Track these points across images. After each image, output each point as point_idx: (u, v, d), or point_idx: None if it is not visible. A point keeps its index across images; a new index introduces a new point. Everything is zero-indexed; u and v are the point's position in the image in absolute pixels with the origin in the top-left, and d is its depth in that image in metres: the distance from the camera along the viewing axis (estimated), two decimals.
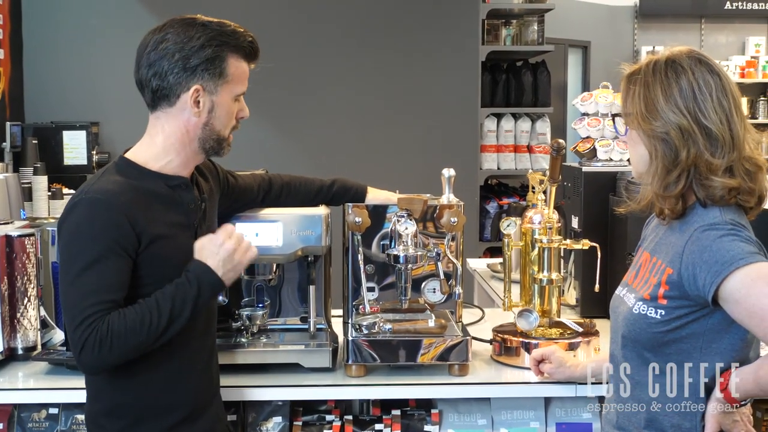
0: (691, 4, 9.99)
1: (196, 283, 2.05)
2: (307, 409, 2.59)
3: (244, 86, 2.21)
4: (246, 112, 2.24)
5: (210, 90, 2.13)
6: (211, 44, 2.11)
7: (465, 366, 2.50)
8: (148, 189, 2.11)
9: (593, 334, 2.62)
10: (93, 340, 1.94)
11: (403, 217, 2.59)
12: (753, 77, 9.95)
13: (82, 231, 2.01)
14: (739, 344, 1.90)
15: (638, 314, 1.96)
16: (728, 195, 1.89)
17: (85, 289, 1.98)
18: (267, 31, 6.18)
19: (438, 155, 6.05)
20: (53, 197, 4.48)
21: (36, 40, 5.93)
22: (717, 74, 1.93)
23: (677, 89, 1.91)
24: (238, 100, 2.20)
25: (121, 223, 2.01)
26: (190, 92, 2.11)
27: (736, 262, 1.79)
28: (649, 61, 1.99)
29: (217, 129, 2.16)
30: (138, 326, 1.98)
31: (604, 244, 2.86)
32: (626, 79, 2.02)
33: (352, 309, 2.68)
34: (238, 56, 2.16)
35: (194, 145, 2.16)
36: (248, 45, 2.18)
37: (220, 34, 2.13)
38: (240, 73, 2.18)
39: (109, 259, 1.99)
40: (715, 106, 1.90)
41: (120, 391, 2.12)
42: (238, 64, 2.17)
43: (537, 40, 6.58)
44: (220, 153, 2.22)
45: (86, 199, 2.04)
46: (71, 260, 2.01)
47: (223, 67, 2.13)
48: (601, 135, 3.22)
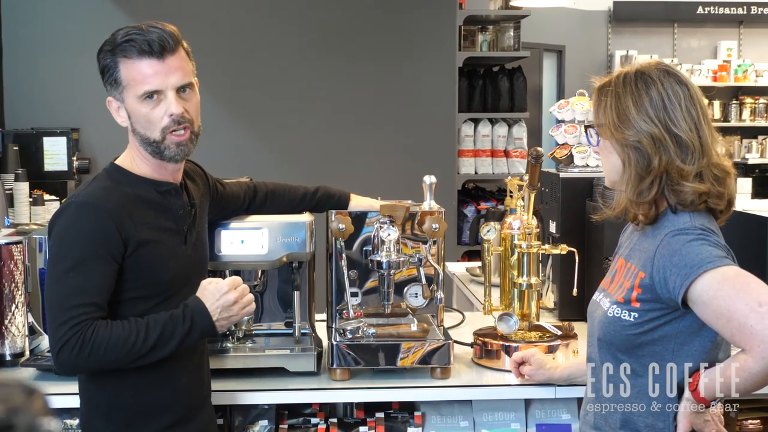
0: (664, 9, 10.10)
1: (190, 320, 2.09)
2: (292, 413, 2.63)
3: (150, 85, 2.10)
4: (172, 108, 2.11)
5: (119, 99, 2.15)
6: (105, 56, 2.14)
7: (447, 369, 2.55)
8: (138, 194, 2.15)
9: (572, 337, 2.68)
10: (74, 342, 1.99)
11: (386, 224, 2.64)
12: (725, 81, 10.06)
13: (70, 234, 2.07)
14: (709, 346, 1.96)
15: (612, 317, 2.01)
16: (698, 200, 1.95)
17: (69, 289, 2.02)
18: (245, 38, 6.25)
19: (416, 160, 6.10)
20: (35, 203, 4.50)
21: (15, 47, 5.92)
22: (685, 84, 2.00)
23: (648, 99, 1.97)
24: (157, 99, 2.11)
25: (107, 228, 2.06)
26: (109, 105, 2.18)
27: (705, 265, 1.85)
28: (619, 73, 2.05)
29: (142, 133, 2.14)
30: (121, 343, 2.02)
31: (582, 248, 2.92)
32: (597, 91, 2.08)
33: (335, 314, 2.73)
34: (126, 58, 2.10)
35: (143, 151, 2.17)
36: (129, 44, 2.09)
37: (109, 42, 2.14)
38: (135, 74, 2.10)
39: (93, 262, 2.04)
40: (684, 115, 1.96)
41: (115, 394, 2.15)
42: (131, 66, 2.10)
43: (513, 45, 6.63)
44: (165, 156, 2.14)
45: (75, 203, 2.09)
46: (57, 261, 2.07)
47: (116, 76, 2.12)
48: (578, 142, 3.27)
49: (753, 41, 10.35)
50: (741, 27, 10.33)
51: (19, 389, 0.59)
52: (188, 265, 2.23)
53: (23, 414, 0.54)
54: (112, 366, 2.06)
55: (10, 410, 0.53)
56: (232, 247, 2.55)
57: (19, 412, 0.54)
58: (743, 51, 10.33)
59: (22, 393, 0.59)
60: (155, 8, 5.86)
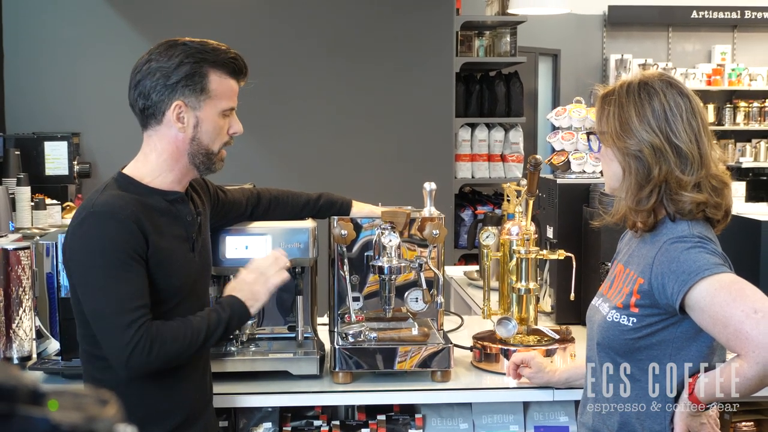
0: (658, 13, 10.13)
1: (229, 308, 2.22)
2: (295, 415, 2.67)
3: (232, 102, 2.25)
4: (238, 127, 2.28)
5: (192, 105, 2.18)
6: (190, 60, 2.17)
7: (447, 372, 2.60)
8: (148, 203, 2.17)
9: (569, 340, 2.73)
10: (144, 343, 2.03)
11: (387, 230, 2.68)
12: (719, 85, 10.09)
13: (98, 243, 2.08)
14: (705, 351, 2.00)
15: (611, 322, 2.06)
16: (696, 209, 1.99)
17: (120, 295, 2.06)
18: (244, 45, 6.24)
19: (414, 165, 6.14)
20: (36, 207, 4.53)
21: (16, 51, 5.96)
22: (686, 96, 2.04)
23: (650, 110, 2.01)
24: (227, 115, 2.25)
25: (132, 231, 2.09)
26: (172, 108, 2.17)
27: (702, 272, 1.90)
28: (623, 82, 2.09)
29: (204, 143, 2.21)
30: (181, 337, 2.10)
31: (578, 253, 2.96)
32: (601, 99, 2.12)
33: (337, 318, 2.78)
34: (220, 72, 2.20)
35: (185, 160, 2.22)
36: (230, 61, 2.22)
37: (198, 51, 2.18)
38: (225, 89, 2.22)
39: (130, 266, 2.08)
40: (685, 126, 2.00)
41: (123, 399, 2.18)
42: (222, 80, 2.21)
43: (510, 51, 6.66)
44: (211, 168, 2.27)
45: (94, 213, 2.10)
46: (92, 272, 2.08)
47: (204, 83, 2.18)
48: (575, 148, 3.31)
49: (747, 45, 10.39)
50: (735, 31, 10.37)
51: (93, 398, 0.63)
52: (195, 271, 2.27)
53: (101, 421, 0.59)
54: (176, 361, 2.13)
55: (88, 418, 0.57)
56: (236, 252, 2.59)
57: (97, 420, 0.58)
58: (737, 55, 10.37)
59: (96, 402, 0.63)
60: (156, 14, 5.90)
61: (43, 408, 0.63)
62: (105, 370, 2.15)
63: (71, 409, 0.62)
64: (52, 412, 0.63)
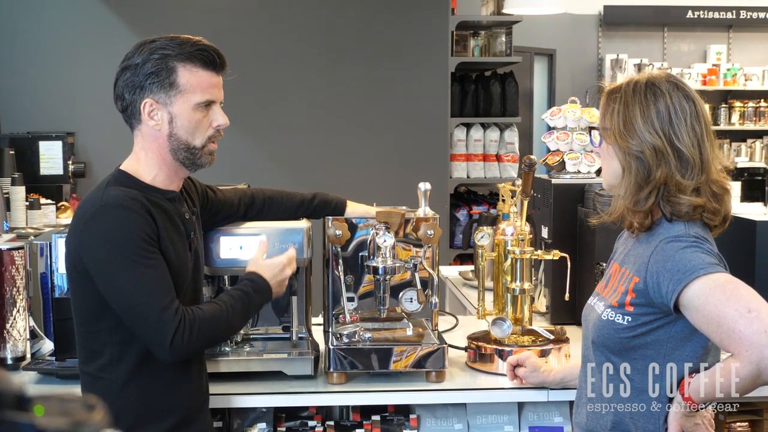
0: (653, 13, 10.14)
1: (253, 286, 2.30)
2: (289, 416, 2.67)
3: (209, 95, 2.20)
4: (222, 120, 2.23)
5: (163, 101, 2.16)
6: (155, 57, 2.15)
7: (442, 373, 2.59)
8: (151, 200, 2.17)
9: (564, 341, 2.73)
10: (184, 327, 2.05)
11: (382, 230, 2.68)
12: (714, 85, 10.11)
13: (117, 235, 2.07)
14: (700, 351, 2.00)
15: (606, 320, 2.06)
16: (693, 212, 1.99)
17: (153, 284, 2.07)
18: (238, 46, 6.27)
19: (409, 164, 6.15)
20: (31, 207, 4.53)
21: (11, 51, 5.95)
22: (692, 100, 2.04)
23: (655, 111, 2.01)
24: (208, 108, 2.21)
25: (148, 220, 2.10)
26: (143, 106, 2.17)
27: (697, 271, 1.90)
28: (630, 80, 2.09)
29: (183, 139, 2.18)
30: (216, 318, 2.15)
31: (573, 253, 2.95)
32: (606, 96, 2.11)
33: (332, 318, 2.77)
34: (190, 65, 2.16)
35: (169, 157, 2.21)
36: (197, 53, 2.17)
37: (165, 47, 2.16)
38: (197, 82, 2.17)
39: (153, 253, 2.09)
40: (688, 131, 2.00)
41: (121, 398, 2.17)
42: (193, 73, 2.17)
43: (505, 51, 6.67)
44: (197, 162, 2.23)
45: (106, 205, 2.09)
46: (117, 263, 2.07)
47: (172, 78, 2.15)
48: (570, 148, 3.32)
49: (742, 45, 10.41)
50: (730, 31, 10.39)
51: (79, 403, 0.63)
52: (191, 270, 2.28)
53: (88, 426, 0.58)
54: (214, 343, 2.21)
55: (75, 423, 0.57)
56: (231, 252, 2.59)
57: (83, 425, 0.58)
58: (732, 55, 10.39)
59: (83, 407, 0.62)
60: (152, 14, 5.90)
61: (29, 413, 0.63)
62: (103, 369, 2.16)
63: (57, 414, 0.62)
64: (38, 418, 0.62)
